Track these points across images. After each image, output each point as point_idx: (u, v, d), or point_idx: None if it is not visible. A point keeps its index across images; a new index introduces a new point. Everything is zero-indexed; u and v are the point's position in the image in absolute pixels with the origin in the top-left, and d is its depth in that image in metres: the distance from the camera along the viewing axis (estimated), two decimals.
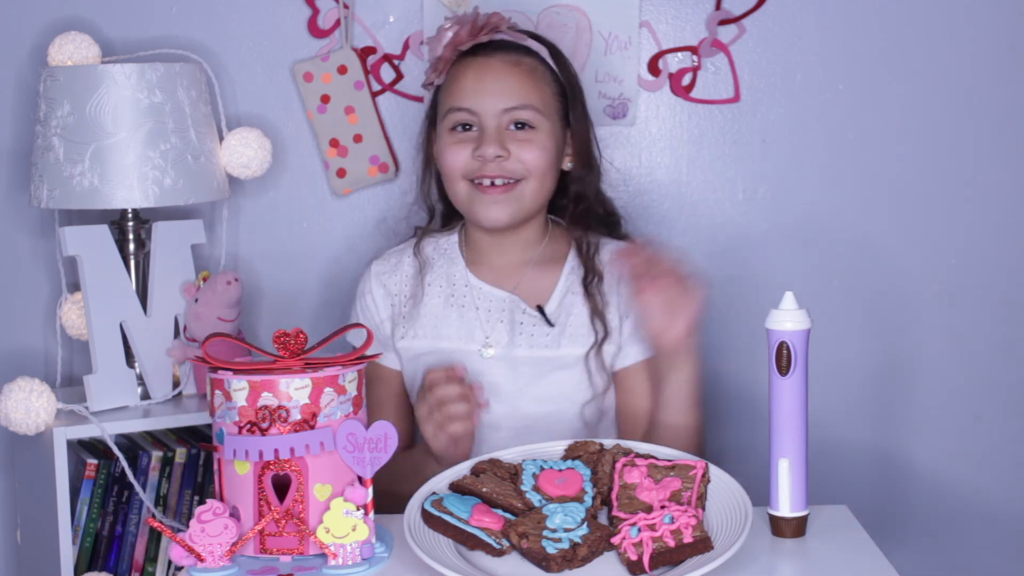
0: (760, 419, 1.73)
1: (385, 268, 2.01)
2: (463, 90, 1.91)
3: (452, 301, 1.96)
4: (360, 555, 1.50)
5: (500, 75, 1.90)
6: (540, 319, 1.93)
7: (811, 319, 1.60)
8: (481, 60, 1.92)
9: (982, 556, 2.42)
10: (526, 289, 1.96)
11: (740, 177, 2.35)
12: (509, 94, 1.90)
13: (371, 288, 2.01)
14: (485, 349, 1.92)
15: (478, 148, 1.89)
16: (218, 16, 2.28)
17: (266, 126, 2.27)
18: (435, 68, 1.96)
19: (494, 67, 1.91)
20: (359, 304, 2.02)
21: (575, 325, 1.93)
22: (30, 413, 1.98)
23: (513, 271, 1.97)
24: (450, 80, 1.94)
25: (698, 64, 2.31)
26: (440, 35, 1.94)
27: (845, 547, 1.57)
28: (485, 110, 1.89)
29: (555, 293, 1.96)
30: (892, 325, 2.37)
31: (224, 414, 1.53)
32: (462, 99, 1.90)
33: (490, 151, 1.88)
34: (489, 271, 1.97)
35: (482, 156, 1.88)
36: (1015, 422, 2.40)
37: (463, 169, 1.90)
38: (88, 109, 2.00)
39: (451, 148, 1.91)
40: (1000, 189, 2.36)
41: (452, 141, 1.91)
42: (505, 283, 1.96)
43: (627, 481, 1.61)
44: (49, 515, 2.01)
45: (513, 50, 1.93)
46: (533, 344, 1.92)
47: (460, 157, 1.90)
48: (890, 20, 2.32)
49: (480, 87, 1.90)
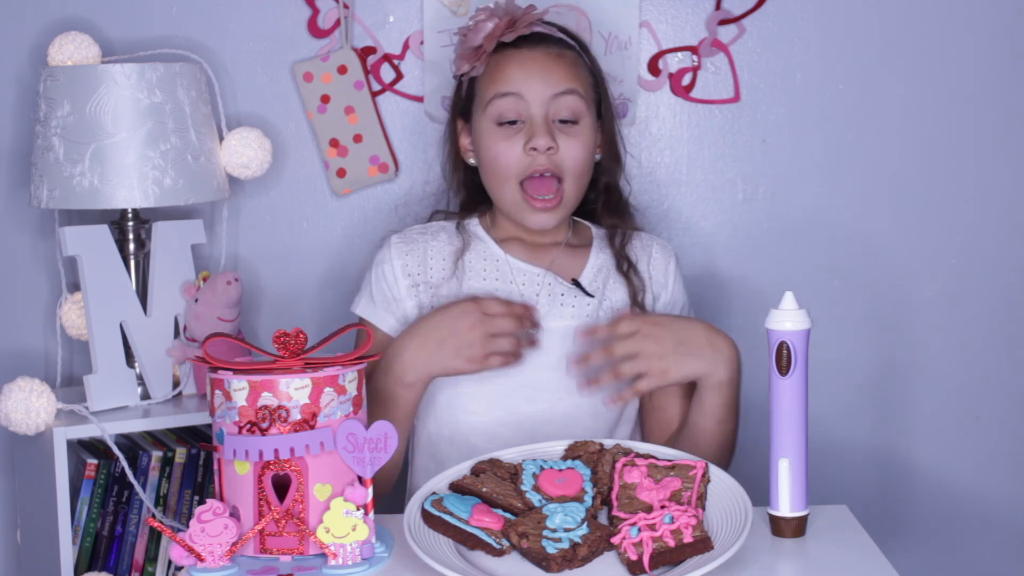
0: (760, 419, 1.74)
1: (407, 242, 1.99)
2: (509, 77, 1.92)
3: (486, 275, 1.96)
4: (360, 555, 1.50)
5: (545, 64, 1.93)
6: (579, 292, 1.95)
7: (811, 319, 1.60)
8: (524, 51, 1.94)
9: (982, 556, 2.42)
10: (560, 267, 1.98)
11: (740, 177, 2.35)
12: (555, 80, 1.92)
13: (390, 258, 1.97)
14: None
15: (529, 141, 1.90)
16: (218, 16, 2.28)
17: (266, 126, 2.27)
18: (471, 58, 1.96)
19: (538, 57, 1.93)
20: (375, 273, 1.99)
21: (612, 300, 1.97)
22: (30, 413, 1.98)
23: (545, 252, 1.99)
24: (492, 70, 1.94)
25: (698, 64, 2.32)
26: (479, 27, 1.95)
27: (845, 547, 1.57)
28: (533, 96, 1.91)
29: (587, 270, 1.99)
30: (892, 325, 2.38)
31: (224, 414, 1.53)
32: (508, 84, 1.91)
33: (542, 142, 1.89)
34: (521, 250, 1.99)
35: (535, 148, 1.89)
36: (1015, 422, 2.40)
37: (516, 168, 1.91)
38: (88, 109, 2.00)
39: (500, 145, 1.92)
40: (1000, 189, 2.36)
41: (501, 137, 1.92)
42: (539, 262, 1.98)
43: (627, 481, 1.61)
44: (49, 515, 2.01)
45: (552, 42, 1.96)
46: (575, 315, 1.94)
47: (512, 155, 1.91)
48: (890, 20, 2.32)
49: (526, 75, 1.92)
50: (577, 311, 1.95)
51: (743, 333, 2.33)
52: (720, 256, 2.36)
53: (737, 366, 1.84)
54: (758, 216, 2.35)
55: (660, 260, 2.02)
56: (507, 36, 1.94)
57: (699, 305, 2.30)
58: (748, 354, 2.31)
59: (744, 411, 2.36)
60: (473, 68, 1.96)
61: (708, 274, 2.35)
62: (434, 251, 1.98)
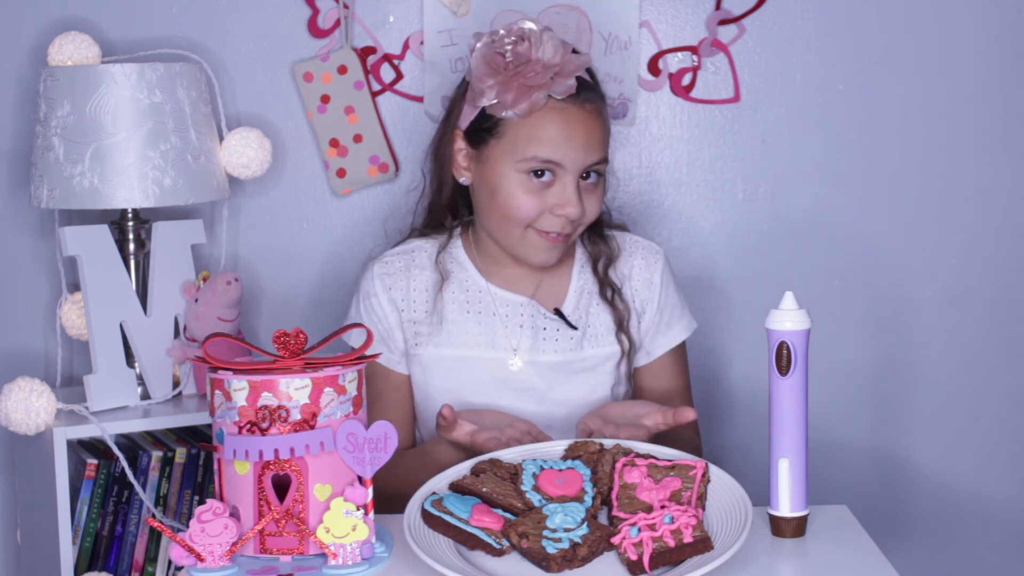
0: (760, 419, 1.74)
1: (390, 273, 1.96)
2: (552, 142, 1.83)
3: (468, 308, 1.94)
4: (360, 555, 1.50)
5: (586, 128, 1.85)
6: (561, 323, 1.94)
7: (811, 319, 1.60)
8: (569, 109, 1.84)
9: (982, 556, 2.42)
10: (543, 295, 1.96)
11: (740, 177, 2.35)
12: (593, 149, 1.85)
13: (376, 292, 1.95)
14: (513, 358, 1.92)
15: (561, 208, 1.84)
16: (218, 16, 2.28)
17: (266, 126, 2.27)
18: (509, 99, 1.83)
19: (582, 120, 1.85)
20: (364, 305, 1.96)
21: (595, 326, 1.95)
22: (30, 413, 1.98)
23: (528, 278, 1.96)
24: (533, 125, 1.84)
25: (698, 64, 2.32)
26: (523, 69, 1.83)
27: (845, 547, 1.57)
28: (572, 165, 1.84)
29: (569, 296, 1.96)
30: (892, 325, 2.38)
31: (224, 414, 1.53)
32: (551, 152, 1.83)
33: (574, 212, 1.84)
34: (503, 278, 1.96)
35: (565, 216, 1.85)
36: (1015, 422, 2.40)
37: (532, 218, 1.86)
38: (88, 109, 2.00)
39: (527, 199, 1.84)
40: (1000, 189, 2.37)
41: (527, 189, 1.85)
42: (521, 289, 1.95)
43: (627, 481, 1.61)
44: (49, 515, 2.01)
45: (589, 93, 1.87)
46: (557, 348, 1.93)
47: (534, 208, 1.85)
48: (890, 20, 2.32)
49: (570, 141, 1.83)
50: (561, 344, 1.93)
51: (743, 333, 2.34)
52: (720, 256, 2.35)
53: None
54: (758, 216, 2.35)
55: (644, 272, 1.98)
56: (555, 91, 1.83)
57: (699, 305, 2.31)
58: (748, 354, 2.32)
59: (744, 411, 2.37)
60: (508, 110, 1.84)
61: (708, 274, 2.35)
62: (416, 284, 1.95)
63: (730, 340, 2.35)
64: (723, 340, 2.35)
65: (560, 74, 1.84)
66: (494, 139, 1.87)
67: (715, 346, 2.35)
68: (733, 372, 2.37)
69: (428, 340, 1.94)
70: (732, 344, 2.35)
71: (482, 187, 1.90)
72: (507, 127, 1.85)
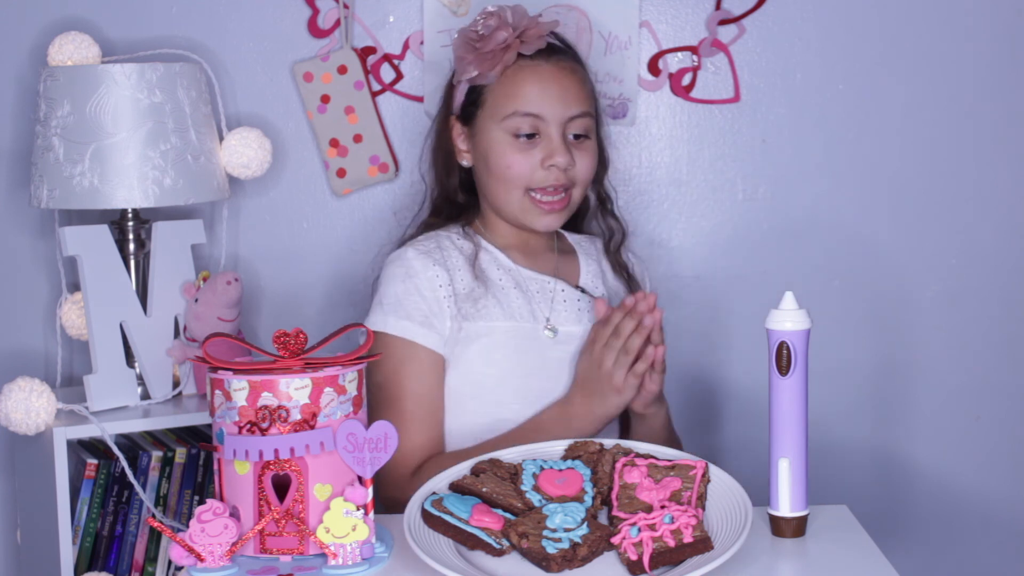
0: (760, 419, 1.74)
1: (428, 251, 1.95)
2: (528, 95, 1.94)
3: (504, 284, 1.98)
4: (360, 555, 1.50)
5: (563, 82, 1.96)
6: (586, 298, 1.99)
7: (811, 319, 1.60)
8: (542, 66, 1.96)
9: (982, 556, 2.42)
10: (564, 273, 2.02)
11: (740, 177, 2.35)
12: (573, 101, 1.95)
13: (418, 271, 1.92)
14: (547, 331, 1.95)
15: (549, 158, 1.93)
16: (218, 16, 2.28)
17: (266, 126, 2.27)
18: (483, 65, 1.96)
19: (555, 74, 1.96)
20: (405, 286, 1.92)
21: (614, 302, 2.00)
22: (30, 413, 1.98)
23: (543, 258, 2.03)
24: (507, 83, 1.96)
25: (698, 64, 2.32)
26: (493, 36, 1.95)
27: (845, 547, 1.57)
28: (553, 117, 1.94)
29: (583, 278, 2.04)
30: (892, 325, 2.38)
31: (224, 414, 1.53)
32: (528, 104, 1.94)
33: (562, 161, 1.93)
34: (524, 258, 2.01)
35: (555, 166, 1.93)
36: (1015, 422, 2.40)
37: (528, 179, 1.95)
38: (88, 109, 2.00)
39: (516, 157, 1.94)
40: (1000, 189, 2.37)
41: (516, 149, 1.95)
42: (543, 269, 2.01)
43: (627, 481, 1.61)
44: (49, 515, 2.01)
45: (561, 54, 1.99)
46: (580, 320, 1.97)
47: (527, 166, 1.94)
48: (890, 20, 2.32)
49: (546, 93, 1.94)
50: (582, 315, 1.98)
51: (743, 333, 2.34)
52: (720, 256, 2.35)
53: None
54: (758, 216, 2.35)
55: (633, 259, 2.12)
56: (524, 49, 1.95)
57: (699, 305, 2.31)
58: (748, 354, 2.32)
59: (744, 411, 2.37)
60: (486, 77, 1.96)
61: (708, 274, 2.35)
62: (452, 261, 1.96)
63: (730, 340, 2.35)
64: (723, 340, 2.35)
65: (526, 35, 1.95)
66: (479, 110, 1.98)
67: (715, 346, 2.36)
68: (733, 372, 2.37)
69: (475, 313, 1.93)
70: (732, 344, 2.35)
71: (479, 161, 2.00)
72: (488, 94, 1.97)
